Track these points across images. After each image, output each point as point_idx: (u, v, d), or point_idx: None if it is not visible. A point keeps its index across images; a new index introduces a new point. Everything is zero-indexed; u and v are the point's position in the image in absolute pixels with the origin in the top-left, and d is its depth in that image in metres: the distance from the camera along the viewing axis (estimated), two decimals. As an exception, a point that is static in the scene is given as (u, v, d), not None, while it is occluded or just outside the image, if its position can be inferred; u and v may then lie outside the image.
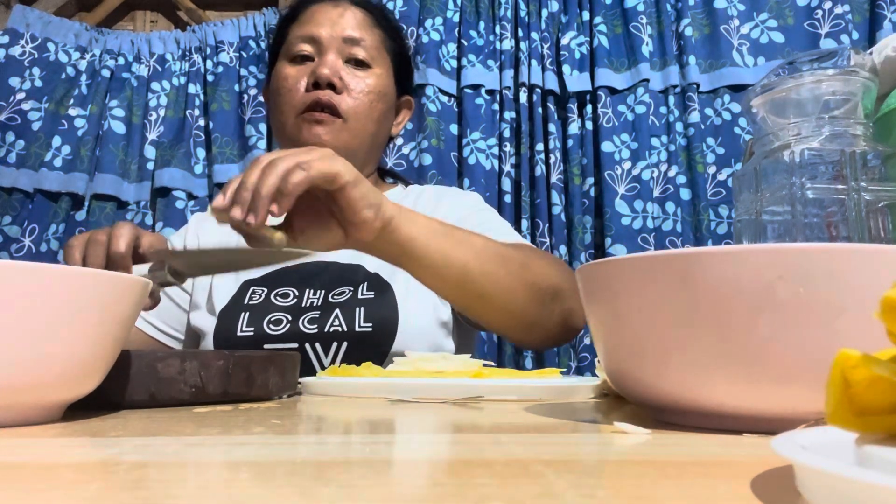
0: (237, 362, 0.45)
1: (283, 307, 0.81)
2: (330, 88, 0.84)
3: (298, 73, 0.87)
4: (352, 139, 0.86)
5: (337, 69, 0.85)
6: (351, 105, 0.85)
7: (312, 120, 0.84)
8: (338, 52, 0.87)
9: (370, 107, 0.87)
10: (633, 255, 0.31)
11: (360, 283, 0.82)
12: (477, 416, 0.38)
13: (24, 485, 0.20)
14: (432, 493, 0.19)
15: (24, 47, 1.74)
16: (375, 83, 0.88)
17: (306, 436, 0.31)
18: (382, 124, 0.91)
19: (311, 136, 0.84)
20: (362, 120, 0.86)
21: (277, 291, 0.83)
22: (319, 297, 0.82)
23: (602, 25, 1.66)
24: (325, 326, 0.78)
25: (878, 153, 0.52)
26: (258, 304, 0.81)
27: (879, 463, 0.16)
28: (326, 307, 0.80)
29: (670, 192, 1.57)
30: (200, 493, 0.19)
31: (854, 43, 1.57)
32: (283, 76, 0.88)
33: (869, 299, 0.26)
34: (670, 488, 0.19)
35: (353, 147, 0.87)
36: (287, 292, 0.83)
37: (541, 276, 0.69)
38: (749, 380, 0.29)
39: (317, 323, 0.79)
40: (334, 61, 0.86)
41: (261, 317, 0.80)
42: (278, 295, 0.83)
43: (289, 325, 0.79)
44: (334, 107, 0.84)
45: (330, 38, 0.86)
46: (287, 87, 0.86)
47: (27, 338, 0.30)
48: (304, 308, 0.81)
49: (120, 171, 1.70)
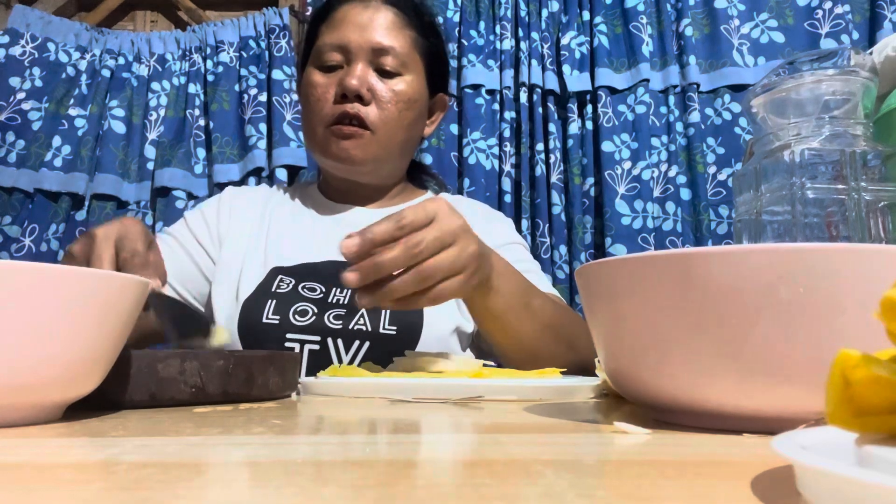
0: (237, 362, 0.45)
1: (310, 299, 0.81)
2: (357, 100, 0.84)
3: (327, 81, 0.86)
4: (380, 150, 0.86)
5: (365, 80, 0.85)
6: (379, 116, 0.85)
7: (341, 134, 0.84)
8: (366, 62, 0.86)
9: (399, 116, 0.87)
10: (633, 255, 0.31)
11: None
12: (477, 416, 0.38)
13: (24, 485, 0.20)
14: (432, 493, 0.19)
15: (24, 47, 1.74)
16: (405, 90, 0.87)
17: (306, 436, 0.31)
18: (413, 130, 0.91)
19: (340, 150, 0.85)
20: (391, 130, 0.86)
21: (305, 284, 0.83)
22: (346, 296, 0.82)
23: (602, 25, 1.66)
24: (349, 324, 0.78)
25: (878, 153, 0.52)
26: (285, 293, 0.81)
27: (879, 463, 0.16)
28: (353, 306, 0.80)
29: (670, 192, 1.57)
30: (200, 493, 0.19)
31: (854, 43, 1.57)
32: (311, 84, 0.87)
33: (869, 299, 0.26)
34: (670, 488, 0.19)
35: (382, 157, 0.87)
36: (314, 287, 0.83)
37: (580, 354, 0.73)
38: (749, 380, 0.29)
39: (342, 320, 0.79)
40: (363, 72, 0.85)
41: (287, 306, 0.79)
42: (306, 288, 0.82)
43: (314, 318, 0.78)
44: (362, 119, 0.84)
45: (359, 46, 0.85)
46: (315, 96, 0.86)
47: (27, 338, 0.30)
48: (330, 303, 0.81)
49: (120, 171, 1.70)
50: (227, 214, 0.92)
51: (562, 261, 1.58)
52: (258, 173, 1.69)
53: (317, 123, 0.86)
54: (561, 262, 1.58)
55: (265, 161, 1.68)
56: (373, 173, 0.90)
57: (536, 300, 0.69)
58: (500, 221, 0.98)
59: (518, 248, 0.92)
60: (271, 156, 1.69)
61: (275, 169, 1.67)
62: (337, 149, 0.85)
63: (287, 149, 1.68)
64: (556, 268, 1.57)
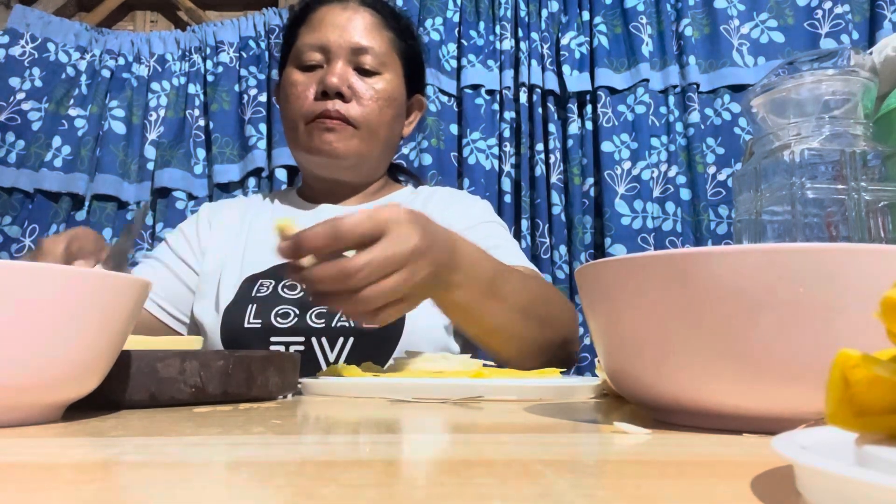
0: (237, 362, 0.45)
1: (291, 300, 0.81)
2: (338, 97, 0.85)
3: (307, 80, 0.87)
4: (362, 145, 0.87)
5: (345, 78, 0.86)
6: (360, 112, 0.86)
7: (323, 127, 0.85)
8: (346, 60, 0.87)
9: (380, 113, 0.88)
10: (632, 255, 0.31)
11: None
12: (477, 416, 0.38)
13: (24, 485, 0.20)
14: (432, 493, 0.19)
15: (24, 47, 1.74)
16: (384, 88, 0.88)
17: (306, 436, 0.31)
18: (393, 128, 0.92)
19: (322, 142, 0.85)
20: (373, 126, 0.87)
21: (285, 283, 0.83)
22: None
23: (602, 25, 1.66)
24: (332, 322, 0.78)
25: (878, 153, 0.52)
26: (265, 296, 0.81)
27: (879, 463, 0.16)
28: None
29: (670, 192, 1.57)
30: (200, 493, 0.19)
31: (854, 43, 1.57)
32: (291, 82, 0.88)
33: (869, 299, 0.26)
34: (670, 488, 0.19)
35: (364, 153, 0.88)
36: (295, 284, 0.83)
37: (556, 331, 0.72)
38: (749, 380, 0.29)
39: (324, 318, 0.79)
40: (343, 70, 0.86)
41: (268, 309, 0.80)
42: (286, 287, 0.83)
43: (296, 319, 0.79)
44: (343, 115, 0.85)
45: (338, 46, 0.87)
46: (296, 93, 0.87)
47: (27, 338, 0.30)
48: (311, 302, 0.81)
49: (120, 172, 1.70)
50: (207, 227, 0.93)
51: (562, 261, 1.58)
52: (258, 173, 1.69)
53: (298, 119, 0.87)
54: (561, 262, 1.58)
55: (265, 161, 1.68)
56: (354, 168, 0.90)
57: (508, 285, 0.65)
58: (471, 203, 0.97)
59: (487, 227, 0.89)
60: (271, 156, 1.69)
61: (275, 169, 1.67)
62: (320, 142, 0.85)
63: (287, 149, 1.67)
64: (556, 268, 1.57)
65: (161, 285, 0.87)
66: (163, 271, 0.89)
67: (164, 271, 0.89)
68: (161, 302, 0.87)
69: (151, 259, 0.91)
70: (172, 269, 0.89)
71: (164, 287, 0.88)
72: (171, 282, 0.89)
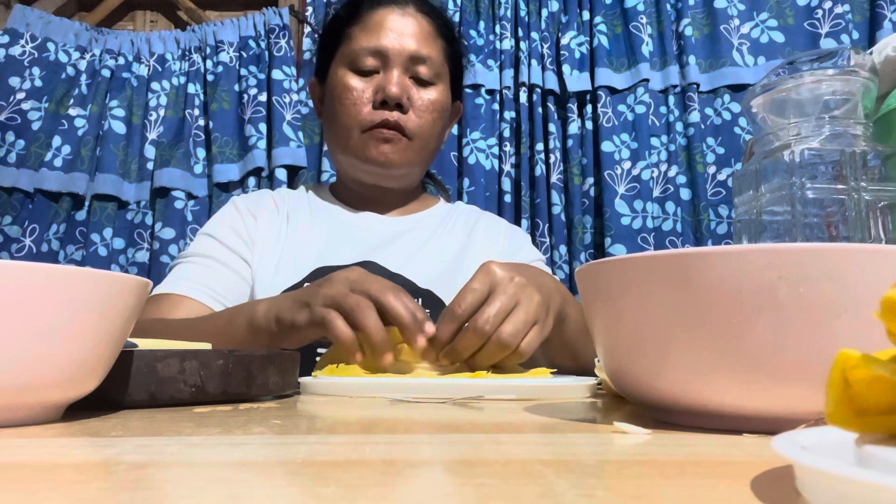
0: (237, 362, 0.45)
1: None
2: (397, 108, 0.84)
3: (363, 86, 0.86)
4: (415, 156, 0.87)
5: (405, 88, 0.85)
6: (417, 124, 0.86)
7: (381, 137, 0.84)
8: (403, 69, 0.86)
9: (433, 124, 0.88)
10: (632, 255, 0.31)
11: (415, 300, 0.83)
12: (477, 416, 0.38)
13: (24, 485, 0.20)
14: (432, 493, 0.19)
15: (24, 47, 1.74)
16: (437, 99, 0.88)
17: (306, 436, 0.31)
18: (441, 139, 0.93)
19: (379, 153, 0.85)
20: (426, 137, 0.88)
21: None
22: None
23: (602, 25, 1.66)
24: None
25: (878, 153, 0.52)
26: None
27: (879, 463, 0.16)
28: None
29: (670, 192, 1.57)
30: (200, 493, 0.19)
31: (854, 43, 1.57)
32: (347, 86, 0.86)
33: (869, 299, 0.26)
34: (670, 488, 0.19)
35: (416, 163, 0.88)
36: None
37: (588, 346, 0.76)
38: (749, 380, 0.28)
39: None
40: (401, 79, 0.85)
41: None
42: None
43: None
44: (401, 126, 0.85)
45: (397, 53, 0.85)
46: (352, 99, 0.86)
47: (27, 338, 0.30)
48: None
49: (120, 171, 1.70)
50: (252, 218, 0.92)
51: (562, 261, 1.58)
52: (258, 173, 1.69)
53: (353, 127, 0.86)
54: (561, 262, 1.58)
55: (265, 161, 1.68)
56: (402, 178, 0.91)
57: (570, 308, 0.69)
58: (521, 239, 1.00)
59: (540, 265, 0.92)
60: (271, 156, 1.69)
61: (274, 169, 1.67)
62: (376, 152, 0.85)
63: (287, 149, 1.68)
64: (556, 268, 1.57)
65: (224, 285, 0.85)
66: (220, 270, 0.86)
67: (221, 269, 0.86)
68: (227, 303, 0.84)
69: (201, 258, 0.87)
70: (230, 266, 0.86)
71: (226, 286, 0.85)
72: (231, 278, 0.86)
